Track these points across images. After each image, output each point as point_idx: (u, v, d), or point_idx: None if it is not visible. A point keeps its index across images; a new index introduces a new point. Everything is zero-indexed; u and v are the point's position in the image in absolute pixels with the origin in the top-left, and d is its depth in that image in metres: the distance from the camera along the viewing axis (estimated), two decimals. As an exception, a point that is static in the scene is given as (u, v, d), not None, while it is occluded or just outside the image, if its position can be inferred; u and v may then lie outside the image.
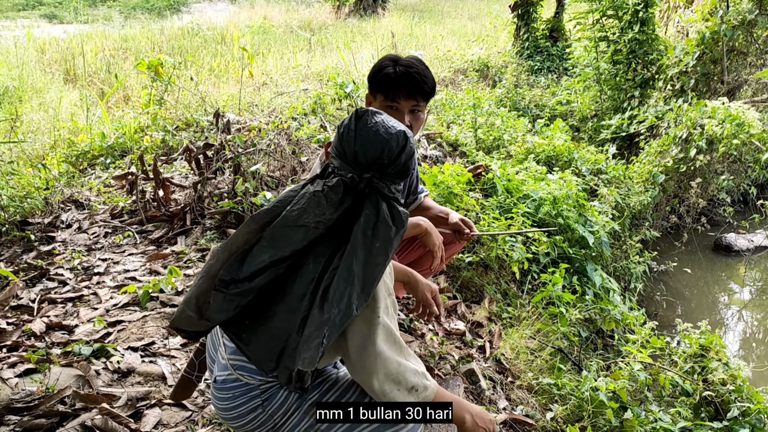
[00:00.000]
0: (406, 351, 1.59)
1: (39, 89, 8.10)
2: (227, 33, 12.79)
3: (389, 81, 2.26)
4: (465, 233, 2.61)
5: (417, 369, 1.59)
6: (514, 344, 3.24)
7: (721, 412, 3.15)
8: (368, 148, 1.52)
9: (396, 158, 1.52)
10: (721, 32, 6.65)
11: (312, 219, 1.50)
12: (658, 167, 5.98)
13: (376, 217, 1.50)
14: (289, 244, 1.49)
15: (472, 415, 1.72)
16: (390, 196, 1.54)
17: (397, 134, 1.53)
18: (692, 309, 5.77)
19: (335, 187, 1.53)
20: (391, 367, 1.53)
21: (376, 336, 1.52)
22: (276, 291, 1.51)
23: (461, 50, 11.31)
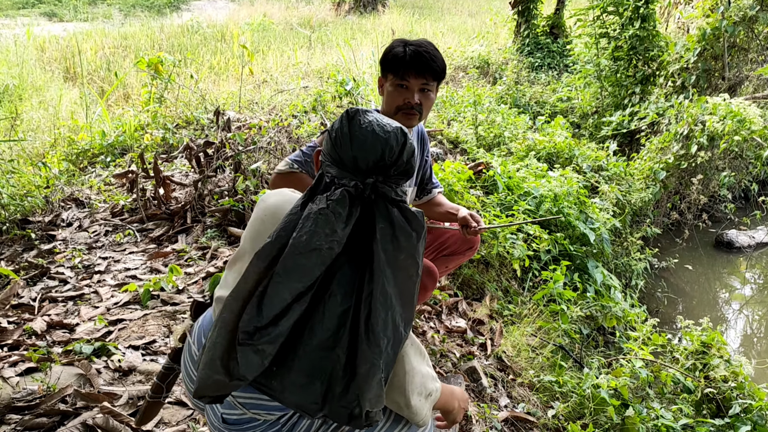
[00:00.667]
0: (426, 357, 1.54)
1: (39, 87, 8.10)
2: (227, 30, 12.77)
3: (399, 60, 2.30)
4: (472, 227, 2.61)
5: (432, 374, 1.54)
6: (515, 342, 3.24)
7: (723, 409, 3.15)
8: (367, 151, 1.41)
9: (398, 158, 1.42)
10: (722, 28, 6.63)
11: (324, 240, 1.35)
12: (659, 164, 5.97)
13: (392, 228, 1.38)
14: (307, 274, 1.34)
15: (459, 402, 1.71)
16: (398, 199, 1.42)
17: (394, 132, 1.44)
18: (693, 306, 5.76)
19: (340, 200, 1.38)
20: (418, 379, 1.47)
21: (409, 352, 1.45)
22: (302, 328, 1.36)
23: (461, 47, 11.29)
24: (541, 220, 3.05)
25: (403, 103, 2.36)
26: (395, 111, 2.40)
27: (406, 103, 2.36)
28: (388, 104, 2.42)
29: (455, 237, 2.73)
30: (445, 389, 1.64)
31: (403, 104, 2.36)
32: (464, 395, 1.75)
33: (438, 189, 2.85)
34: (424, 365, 1.50)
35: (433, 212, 2.84)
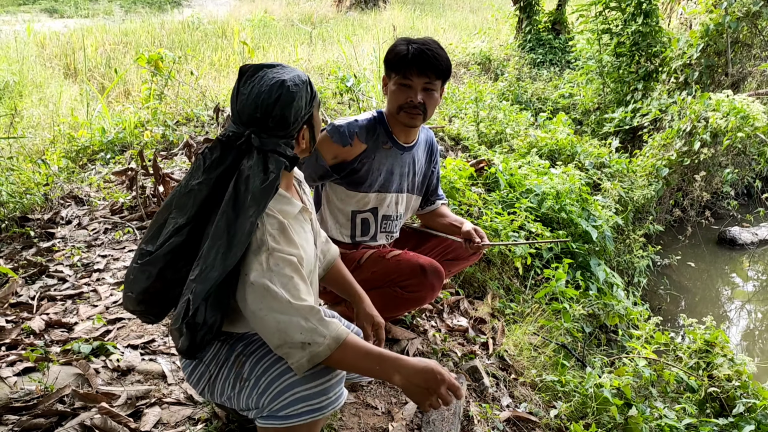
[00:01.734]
0: (291, 306, 1.52)
1: (39, 84, 8.07)
2: (228, 27, 12.73)
3: (402, 59, 2.30)
4: (475, 242, 2.60)
5: (303, 324, 1.51)
6: (517, 340, 3.21)
7: (727, 408, 3.13)
8: (245, 104, 1.57)
9: (271, 109, 1.55)
10: (726, 24, 6.59)
11: (194, 181, 1.58)
12: (661, 160, 5.93)
13: (249, 170, 1.54)
14: (184, 211, 1.58)
15: (403, 375, 1.53)
16: (267, 149, 1.57)
17: (272, 85, 1.56)
18: (696, 303, 5.74)
19: (213, 147, 1.60)
20: (270, 325, 1.52)
21: (247, 295, 1.53)
22: (187, 259, 1.59)
23: (463, 43, 11.25)
24: (543, 242, 3.08)
25: (406, 102, 2.35)
26: (398, 110, 2.39)
27: (408, 102, 2.35)
28: (391, 103, 2.40)
29: (459, 243, 2.72)
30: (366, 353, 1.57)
31: (406, 103, 2.35)
32: (426, 373, 1.53)
33: (442, 201, 2.84)
34: (283, 314, 1.51)
35: (436, 223, 2.83)
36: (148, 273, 1.58)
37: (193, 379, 1.79)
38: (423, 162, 2.71)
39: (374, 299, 2.53)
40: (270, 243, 1.56)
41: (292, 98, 1.57)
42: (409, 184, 2.67)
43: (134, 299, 1.63)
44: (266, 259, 1.55)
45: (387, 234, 2.69)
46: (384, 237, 2.69)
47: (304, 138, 1.71)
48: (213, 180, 1.58)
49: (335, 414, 2.38)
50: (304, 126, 1.68)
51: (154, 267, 1.58)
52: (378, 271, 2.53)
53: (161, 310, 1.70)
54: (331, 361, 1.56)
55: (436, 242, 2.83)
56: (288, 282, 1.55)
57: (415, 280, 2.43)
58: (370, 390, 2.59)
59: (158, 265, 1.58)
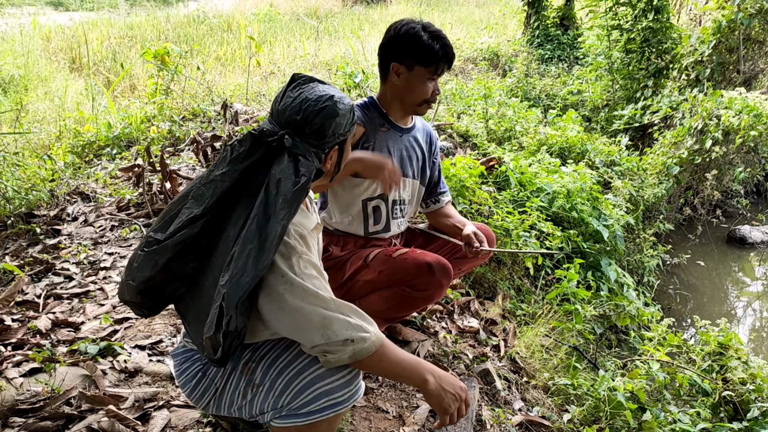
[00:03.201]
0: (333, 304, 1.53)
1: (44, 78, 8.05)
2: (233, 21, 12.69)
3: (434, 55, 2.32)
4: (474, 247, 2.55)
5: (350, 321, 1.53)
6: (528, 342, 3.17)
7: (741, 412, 3.08)
8: (288, 106, 1.57)
9: (313, 117, 1.55)
10: (738, 20, 6.51)
11: (217, 171, 1.55)
12: (672, 159, 5.87)
13: (280, 174, 1.51)
14: (202, 201, 1.53)
15: (436, 378, 1.61)
16: (298, 153, 1.55)
17: (322, 96, 1.58)
18: (705, 302, 5.69)
19: (243, 140, 1.57)
20: (315, 320, 1.50)
21: (286, 294, 1.50)
22: (196, 254, 1.56)
23: (471, 38, 11.17)
24: (545, 252, 3.05)
25: (431, 96, 2.41)
26: (421, 103, 2.42)
27: (433, 96, 2.42)
28: (415, 96, 2.40)
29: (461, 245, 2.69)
30: (405, 355, 1.63)
31: (431, 97, 2.41)
32: (454, 381, 1.65)
33: (447, 197, 2.81)
34: (326, 309, 1.51)
35: (440, 223, 2.80)
36: (154, 262, 1.52)
37: (195, 395, 1.74)
38: (425, 149, 2.69)
39: (382, 301, 2.50)
40: (298, 248, 1.56)
41: (336, 113, 1.58)
42: (413, 170, 2.64)
43: (134, 288, 1.55)
44: (297, 262, 1.54)
45: (399, 220, 2.65)
46: (395, 225, 2.65)
47: (331, 159, 1.70)
48: (237, 172, 1.54)
49: (346, 418, 2.34)
50: (336, 147, 1.67)
51: (161, 256, 1.52)
52: (385, 271, 2.49)
53: (156, 305, 1.63)
54: (374, 357, 1.55)
55: (444, 241, 2.79)
56: (319, 283, 1.56)
57: (422, 278, 2.39)
58: (381, 393, 2.55)
59: (166, 255, 1.52)
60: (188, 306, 1.61)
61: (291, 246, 1.55)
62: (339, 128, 1.61)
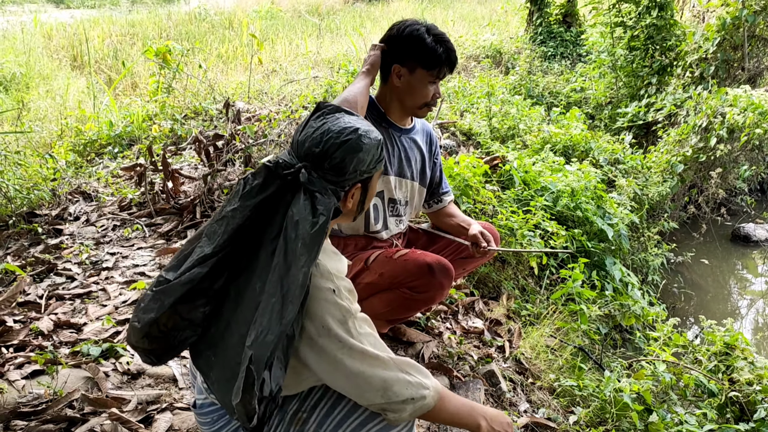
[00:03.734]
0: (392, 363, 1.46)
1: (46, 76, 8.03)
2: (235, 18, 12.66)
3: (437, 59, 2.29)
4: (482, 247, 2.53)
5: (409, 379, 1.46)
6: (533, 343, 3.14)
7: (747, 413, 3.05)
8: (309, 137, 1.47)
9: (333, 150, 1.44)
10: (743, 17, 6.47)
11: (229, 207, 1.44)
12: (676, 156, 5.83)
13: (298, 214, 1.39)
14: (214, 239, 1.43)
15: (488, 420, 1.61)
16: (314, 190, 1.42)
17: (345, 128, 1.46)
18: (708, 300, 5.66)
19: (257, 173, 1.46)
20: (375, 382, 1.43)
21: (345, 359, 1.41)
22: (208, 298, 1.44)
23: (473, 36, 11.13)
24: (551, 250, 3.03)
25: (432, 99, 2.38)
26: (422, 106, 2.40)
27: (434, 99, 2.39)
28: (416, 99, 2.37)
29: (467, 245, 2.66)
30: (469, 404, 1.62)
31: (432, 100, 2.39)
32: (502, 418, 1.65)
33: (449, 197, 2.78)
34: (385, 369, 1.44)
35: (444, 223, 2.77)
36: (161, 303, 1.39)
37: None
38: (424, 150, 2.65)
39: (383, 303, 2.47)
40: (351, 308, 1.46)
41: (360, 148, 1.46)
42: (412, 172, 2.60)
43: (139, 330, 1.42)
44: (353, 325, 1.45)
45: (396, 219, 2.62)
46: (394, 223, 2.62)
47: (353, 198, 1.56)
48: (249, 208, 1.42)
49: None
50: (358, 184, 1.53)
51: (168, 297, 1.39)
52: (386, 273, 2.47)
53: (163, 353, 1.49)
54: (432, 411, 1.51)
55: (448, 241, 2.77)
56: (375, 340, 1.48)
57: (423, 279, 2.36)
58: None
59: (173, 296, 1.39)
60: (211, 363, 1.47)
61: (345, 309, 1.45)
62: (361, 164, 1.48)
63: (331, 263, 1.51)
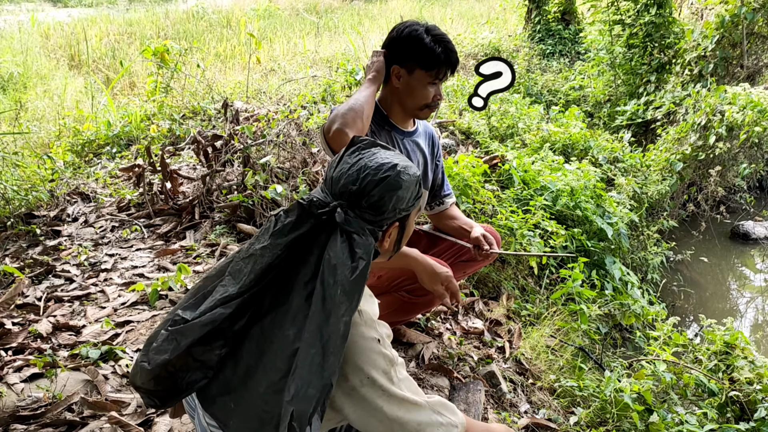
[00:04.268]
0: (426, 406, 1.45)
1: (44, 75, 8.01)
2: (232, 16, 12.63)
3: (436, 59, 2.25)
4: (485, 250, 2.51)
5: (441, 420, 1.46)
6: (533, 343, 3.14)
7: (748, 413, 3.05)
8: (344, 174, 1.39)
9: (372, 188, 1.36)
10: (742, 15, 6.46)
11: (258, 245, 1.36)
12: (675, 155, 5.83)
13: (335, 258, 1.31)
14: (239, 279, 1.34)
15: None
16: (351, 231, 1.35)
17: (383, 164, 1.38)
18: (707, 297, 5.66)
19: (290, 210, 1.38)
20: (410, 427, 1.41)
21: (384, 407, 1.37)
22: (226, 340, 1.35)
23: (472, 33, 11.11)
24: (554, 254, 3.03)
25: (433, 100, 2.35)
26: (423, 107, 2.36)
27: (435, 101, 2.36)
28: (416, 100, 2.34)
29: (469, 248, 2.64)
30: (482, 427, 1.65)
31: (433, 102, 2.35)
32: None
33: (451, 199, 2.76)
34: (419, 414, 1.42)
35: (445, 225, 2.75)
36: (176, 344, 1.31)
37: None
38: (427, 153, 2.64)
39: (382, 306, 2.46)
40: (394, 356, 1.44)
41: (399, 186, 1.38)
42: None
43: (148, 372, 1.33)
44: (395, 373, 1.42)
45: None
46: None
47: (390, 237, 1.49)
48: (280, 247, 1.34)
49: None
50: (396, 223, 1.46)
51: (185, 338, 1.31)
52: (384, 276, 2.47)
53: (169, 396, 1.38)
54: None
55: (450, 244, 2.75)
56: (411, 384, 1.47)
57: (421, 283, 2.36)
58: None
59: (191, 338, 1.31)
60: (230, 411, 1.36)
61: (390, 358, 1.41)
62: (401, 202, 1.41)
63: (368, 306, 1.47)
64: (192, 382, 1.36)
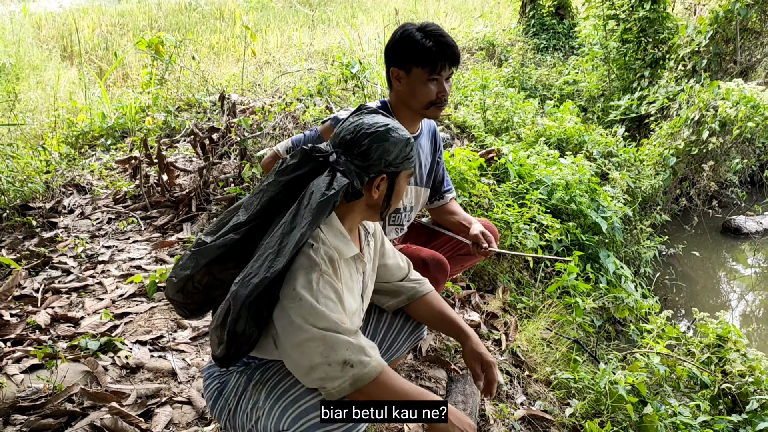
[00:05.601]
0: (338, 326, 1.48)
1: (36, 67, 7.95)
2: (225, 8, 12.57)
3: (430, 54, 2.20)
4: (483, 247, 2.52)
5: (351, 341, 1.47)
6: (529, 336, 3.17)
7: (740, 404, 3.09)
8: (345, 129, 1.63)
9: (363, 139, 1.59)
10: (735, 10, 6.50)
11: (266, 182, 1.60)
12: (669, 149, 5.87)
13: (315, 186, 1.53)
14: (249, 210, 1.58)
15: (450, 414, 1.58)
16: (340, 169, 1.57)
17: (377, 122, 1.62)
18: (699, 291, 5.71)
19: (295, 154, 1.61)
20: (315, 338, 1.45)
21: (293, 309, 1.47)
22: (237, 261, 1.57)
23: (466, 27, 11.11)
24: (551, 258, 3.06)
25: (438, 97, 2.28)
26: (428, 106, 2.30)
27: (440, 98, 2.28)
28: (419, 100, 2.29)
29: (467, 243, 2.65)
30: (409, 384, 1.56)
31: (437, 99, 2.28)
32: (462, 417, 1.63)
33: (451, 194, 2.76)
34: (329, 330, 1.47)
35: (445, 220, 2.75)
36: (196, 262, 1.54)
37: (215, 413, 1.71)
38: (428, 153, 2.63)
39: None
40: (322, 266, 1.53)
41: (386, 139, 1.60)
42: (417, 177, 2.59)
43: (174, 285, 1.58)
44: (316, 279, 1.50)
45: (396, 227, 2.62)
46: (393, 230, 2.62)
47: (379, 188, 1.66)
48: (282, 183, 1.58)
49: None
50: (384, 176, 1.64)
51: (203, 257, 1.54)
52: None
53: (198, 307, 1.64)
54: (376, 385, 1.49)
55: (448, 237, 2.77)
56: (333, 305, 1.50)
57: None
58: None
59: (208, 257, 1.54)
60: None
61: (315, 262, 1.52)
62: (387, 154, 1.60)
63: (331, 236, 1.62)
64: (215, 297, 1.61)
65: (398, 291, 2.00)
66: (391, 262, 1.97)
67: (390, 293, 2.00)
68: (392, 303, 2.01)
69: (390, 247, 2.00)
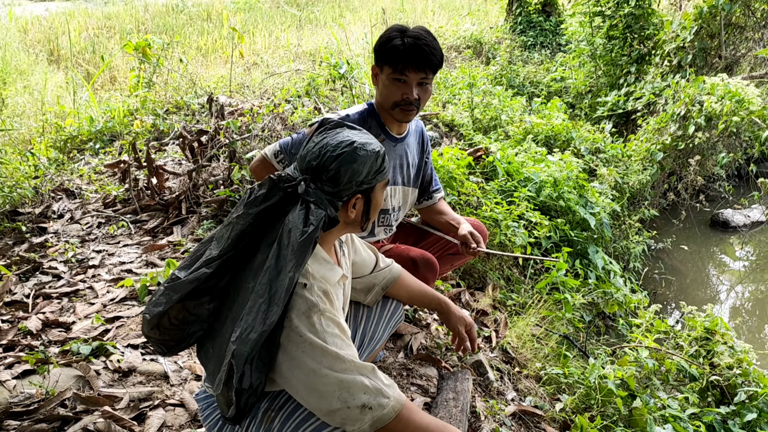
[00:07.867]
0: (353, 365, 1.48)
1: (23, 71, 7.90)
2: (213, 9, 12.54)
3: (397, 53, 2.18)
4: (471, 248, 2.54)
5: (367, 384, 1.46)
6: (519, 332, 3.20)
7: (728, 396, 3.13)
8: (309, 152, 1.57)
9: (329, 163, 1.54)
10: (719, 6, 6.55)
11: (235, 214, 1.55)
12: (656, 145, 5.92)
13: (291, 223, 1.49)
14: (220, 243, 1.54)
15: None
16: (310, 200, 1.53)
17: (342, 141, 1.56)
18: (688, 284, 5.76)
19: (263, 183, 1.56)
20: (332, 381, 1.44)
21: (304, 355, 1.45)
22: (213, 295, 1.55)
23: (453, 26, 11.14)
24: (541, 258, 3.09)
25: (402, 99, 2.25)
26: (392, 106, 2.29)
27: (404, 99, 2.25)
28: (385, 99, 2.29)
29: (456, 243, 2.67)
30: (430, 418, 1.57)
31: (402, 100, 2.26)
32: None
33: (440, 194, 2.77)
34: (344, 373, 1.46)
35: (434, 220, 2.77)
36: (169, 297, 1.51)
37: None
38: (416, 153, 2.64)
39: None
40: (320, 305, 1.51)
41: (354, 160, 1.55)
42: (404, 177, 2.60)
43: (149, 322, 1.54)
44: (318, 320, 1.48)
45: (385, 227, 2.64)
46: (382, 231, 2.64)
47: (355, 208, 1.64)
48: (252, 216, 1.53)
49: None
50: (359, 195, 1.61)
51: (176, 293, 1.51)
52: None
53: (176, 344, 1.60)
54: (396, 423, 1.49)
55: (437, 237, 2.79)
56: (341, 342, 1.50)
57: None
58: None
59: (181, 292, 1.51)
60: (209, 356, 1.58)
61: (312, 303, 1.50)
62: (357, 175, 1.56)
63: (317, 267, 1.59)
64: (191, 333, 1.58)
65: (372, 284, 2.05)
66: (360, 257, 1.99)
67: (364, 290, 2.04)
68: (370, 298, 2.06)
69: (357, 240, 2.01)
